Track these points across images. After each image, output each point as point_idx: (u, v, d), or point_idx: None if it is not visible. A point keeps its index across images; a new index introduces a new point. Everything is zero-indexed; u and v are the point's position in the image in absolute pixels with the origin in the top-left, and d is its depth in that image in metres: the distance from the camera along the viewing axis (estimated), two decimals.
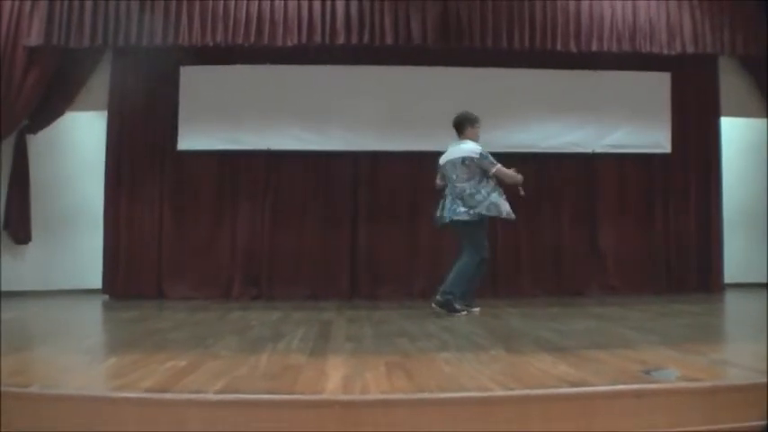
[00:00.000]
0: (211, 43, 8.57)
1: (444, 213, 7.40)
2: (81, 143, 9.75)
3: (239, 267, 9.56)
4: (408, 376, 3.82)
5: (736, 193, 10.14)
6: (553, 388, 3.51)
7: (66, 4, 8.50)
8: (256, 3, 8.57)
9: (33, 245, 9.46)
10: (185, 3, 8.53)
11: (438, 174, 7.64)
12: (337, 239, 9.64)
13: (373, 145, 9.55)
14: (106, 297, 9.25)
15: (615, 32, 8.96)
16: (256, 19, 8.55)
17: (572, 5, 8.92)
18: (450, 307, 7.09)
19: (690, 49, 9.08)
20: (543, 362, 4.21)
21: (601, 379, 3.70)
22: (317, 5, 8.61)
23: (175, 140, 9.47)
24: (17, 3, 8.56)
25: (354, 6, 8.63)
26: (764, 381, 3.61)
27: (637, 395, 3.45)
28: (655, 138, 9.79)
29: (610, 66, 9.66)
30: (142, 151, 9.56)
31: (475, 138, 7.55)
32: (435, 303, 7.15)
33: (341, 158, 9.66)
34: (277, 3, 8.58)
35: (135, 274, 9.41)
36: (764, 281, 9.71)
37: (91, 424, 3.25)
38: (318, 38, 8.58)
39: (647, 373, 3.82)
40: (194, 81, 9.48)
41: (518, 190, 7.41)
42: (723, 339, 6.08)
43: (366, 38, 8.62)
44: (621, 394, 3.47)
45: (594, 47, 8.95)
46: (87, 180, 9.62)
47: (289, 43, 8.58)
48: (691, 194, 10.01)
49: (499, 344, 5.10)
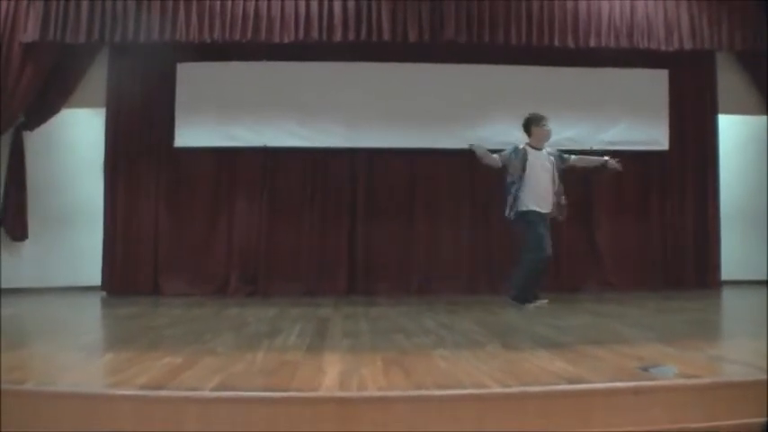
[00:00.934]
0: (209, 40, 8.57)
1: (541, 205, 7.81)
2: (78, 140, 9.70)
3: (236, 264, 9.55)
4: (405, 373, 3.81)
5: (733, 190, 10.13)
6: (550, 385, 3.50)
7: (62, 1, 8.48)
8: (253, 0, 8.57)
9: (30, 242, 9.43)
10: None
11: None
12: (334, 236, 9.63)
13: (370, 141, 9.53)
14: (104, 294, 9.23)
15: (613, 28, 8.96)
16: (253, 15, 8.54)
17: (569, 2, 8.91)
18: (515, 300, 7.54)
19: (687, 46, 9.09)
20: (540, 358, 4.20)
21: (598, 376, 3.68)
22: (315, 2, 8.59)
23: (172, 137, 9.45)
24: None
25: (351, 3, 8.63)
26: (764, 378, 3.60)
27: (635, 392, 3.44)
28: (652, 134, 9.78)
29: (607, 62, 9.65)
30: (139, 148, 9.54)
31: (540, 137, 7.80)
32: (507, 296, 7.65)
33: (338, 155, 9.65)
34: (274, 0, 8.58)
35: (132, 271, 9.41)
36: (761, 278, 9.74)
37: (87, 421, 3.23)
38: (315, 34, 8.57)
39: (645, 370, 3.80)
40: (191, 78, 9.47)
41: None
42: (721, 336, 6.07)
43: (363, 34, 8.62)
44: (619, 391, 3.45)
45: (592, 43, 8.95)
46: (84, 177, 9.59)
47: (286, 40, 8.57)
48: (688, 191, 10.01)
49: (496, 340, 5.09)
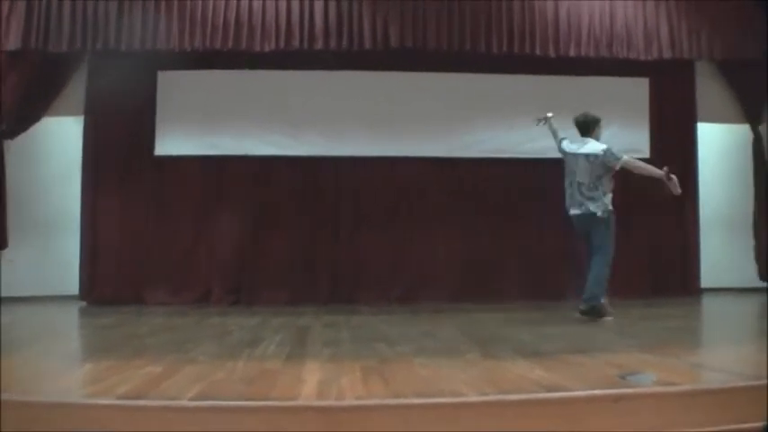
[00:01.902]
0: (189, 48, 8.59)
1: (571, 206, 7.50)
2: (59, 148, 9.65)
3: (219, 273, 9.51)
4: (384, 381, 3.81)
5: (713, 198, 10.20)
6: (529, 393, 3.51)
7: (44, 8, 8.47)
8: (234, 8, 8.59)
9: (10, 250, 9.34)
10: (163, 7, 8.53)
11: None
12: (317, 244, 9.62)
13: (354, 150, 9.53)
14: (83, 303, 9.18)
15: (593, 38, 9.05)
16: (234, 24, 8.57)
17: (550, 11, 9.00)
18: (597, 312, 7.05)
19: (667, 55, 9.18)
20: (520, 366, 4.21)
21: (577, 383, 3.70)
22: (296, 11, 8.62)
23: (153, 145, 9.42)
24: None
25: (333, 12, 8.66)
26: (741, 384, 3.64)
27: (614, 400, 3.45)
28: (633, 142, 9.79)
29: (589, 71, 9.69)
30: (120, 156, 9.50)
31: (599, 138, 7.66)
32: (581, 313, 7.12)
33: (321, 163, 9.64)
34: (255, 8, 8.60)
35: (113, 280, 9.34)
36: (742, 285, 9.87)
37: (66, 430, 3.22)
38: (297, 43, 8.60)
39: (624, 378, 3.82)
40: (172, 86, 9.45)
41: (667, 186, 7.39)
42: (700, 343, 6.10)
43: (345, 43, 8.66)
44: (598, 399, 3.46)
45: (573, 52, 9.03)
46: (65, 185, 9.53)
47: (267, 49, 8.59)
48: (668, 199, 10.03)
49: (477, 348, 5.10)
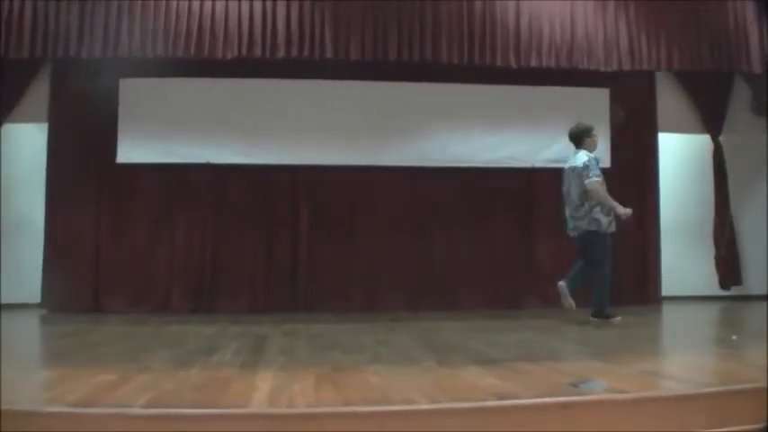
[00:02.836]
0: (151, 55, 8.54)
1: (567, 222, 7.74)
2: (18, 155, 9.56)
3: (178, 281, 9.49)
4: (336, 389, 3.83)
5: (673, 207, 10.32)
6: (479, 400, 3.53)
7: (4, 15, 8.39)
8: (197, 16, 8.56)
9: None
10: (126, 15, 8.49)
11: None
12: (277, 252, 9.62)
13: (313, 158, 9.54)
14: (44, 311, 9.11)
15: (554, 49, 9.10)
16: (196, 32, 8.54)
17: (511, 21, 9.04)
18: (603, 315, 7.44)
19: (626, 66, 9.26)
20: (472, 374, 4.24)
21: (527, 391, 3.72)
22: (258, 19, 8.62)
23: (115, 153, 9.38)
24: None
25: (294, 20, 8.65)
26: (691, 392, 3.69)
27: (562, 407, 3.48)
28: (594, 152, 9.90)
29: (549, 81, 9.74)
30: (81, 163, 9.45)
31: (592, 148, 7.78)
32: (592, 316, 7.50)
33: (281, 172, 9.65)
34: (217, 16, 8.58)
35: (73, 288, 9.26)
36: (701, 293, 10.06)
37: None
38: (259, 51, 8.59)
39: (575, 386, 3.85)
40: (134, 93, 9.42)
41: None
42: (653, 351, 6.13)
43: (306, 51, 8.66)
44: (546, 406, 3.49)
45: (534, 62, 9.08)
46: (25, 192, 9.46)
47: (229, 56, 8.57)
48: (628, 208, 10.13)
49: (432, 356, 5.13)
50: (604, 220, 7.48)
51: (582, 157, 7.61)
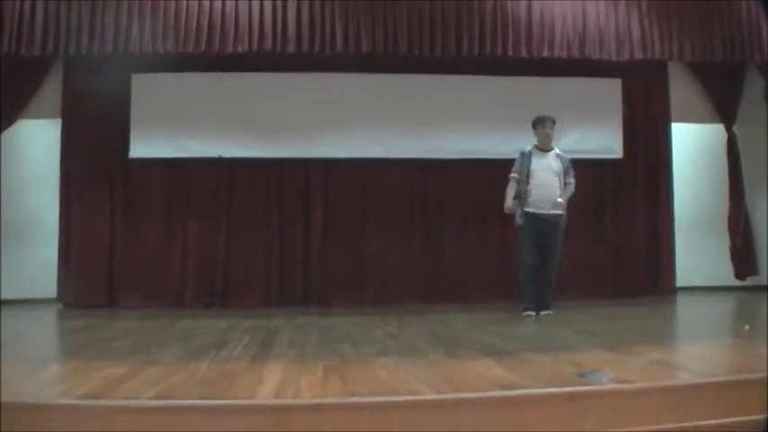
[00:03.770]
0: (162, 51, 8.55)
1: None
2: (32, 151, 9.63)
3: (192, 276, 9.51)
4: (343, 381, 3.85)
5: (687, 197, 10.26)
6: (484, 391, 3.54)
7: (16, 12, 8.43)
8: (207, 11, 8.55)
9: None
10: (136, 11, 8.50)
11: None
12: (290, 247, 9.62)
13: (325, 152, 9.55)
14: (60, 306, 9.16)
15: (565, 40, 9.05)
16: (207, 27, 8.53)
17: (522, 13, 8.99)
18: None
19: (638, 56, 9.20)
20: (480, 366, 4.25)
21: (534, 382, 3.74)
22: (268, 13, 8.60)
23: (128, 148, 9.40)
24: None
25: (305, 14, 8.63)
26: (700, 381, 3.69)
27: (569, 397, 3.49)
28: (606, 143, 9.88)
29: (561, 72, 9.70)
30: (94, 159, 9.49)
31: (541, 138, 7.98)
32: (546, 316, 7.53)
33: (293, 166, 9.66)
34: (228, 11, 8.57)
35: (88, 284, 9.33)
36: (715, 284, 9.99)
37: (24, 430, 3.25)
38: (269, 45, 8.58)
39: (582, 376, 3.86)
40: (146, 89, 9.43)
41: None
42: (663, 342, 6.09)
43: (317, 45, 8.64)
44: (553, 397, 3.50)
45: (545, 53, 9.03)
46: (39, 189, 9.52)
47: (240, 50, 8.57)
48: (642, 199, 10.11)
49: (440, 348, 5.15)
50: (518, 212, 7.71)
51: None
